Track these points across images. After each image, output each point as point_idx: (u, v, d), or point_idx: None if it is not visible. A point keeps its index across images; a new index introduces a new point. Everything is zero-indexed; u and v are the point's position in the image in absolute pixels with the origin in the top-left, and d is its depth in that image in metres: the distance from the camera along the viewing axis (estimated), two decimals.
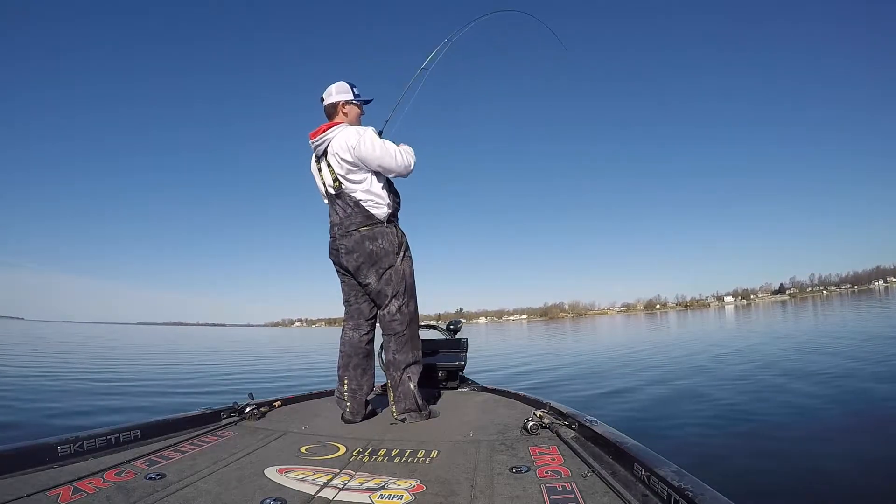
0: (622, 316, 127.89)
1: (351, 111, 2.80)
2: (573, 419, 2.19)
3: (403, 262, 2.70)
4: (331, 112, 2.81)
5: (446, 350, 3.86)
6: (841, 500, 2.91)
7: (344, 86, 2.80)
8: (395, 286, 2.66)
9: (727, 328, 23.34)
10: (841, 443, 3.93)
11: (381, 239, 2.63)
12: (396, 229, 2.72)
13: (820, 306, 41.78)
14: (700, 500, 1.19)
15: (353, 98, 2.80)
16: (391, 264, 2.65)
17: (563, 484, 1.56)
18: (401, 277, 2.67)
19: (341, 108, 2.78)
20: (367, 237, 2.62)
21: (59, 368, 11.03)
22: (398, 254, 2.68)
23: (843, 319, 20.20)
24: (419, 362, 2.74)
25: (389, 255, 2.65)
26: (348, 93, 2.79)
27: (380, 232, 2.64)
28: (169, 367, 13.17)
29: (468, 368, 3.89)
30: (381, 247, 2.63)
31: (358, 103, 2.84)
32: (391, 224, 2.70)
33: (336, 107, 2.78)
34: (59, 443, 1.78)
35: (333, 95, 2.78)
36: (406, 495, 1.53)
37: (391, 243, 2.65)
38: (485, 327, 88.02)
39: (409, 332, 2.70)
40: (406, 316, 2.69)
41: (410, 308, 2.72)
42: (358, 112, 2.85)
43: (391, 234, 2.66)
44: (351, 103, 2.80)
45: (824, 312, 28.57)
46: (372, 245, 2.62)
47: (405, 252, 2.72)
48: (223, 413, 2.57)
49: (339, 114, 2.78)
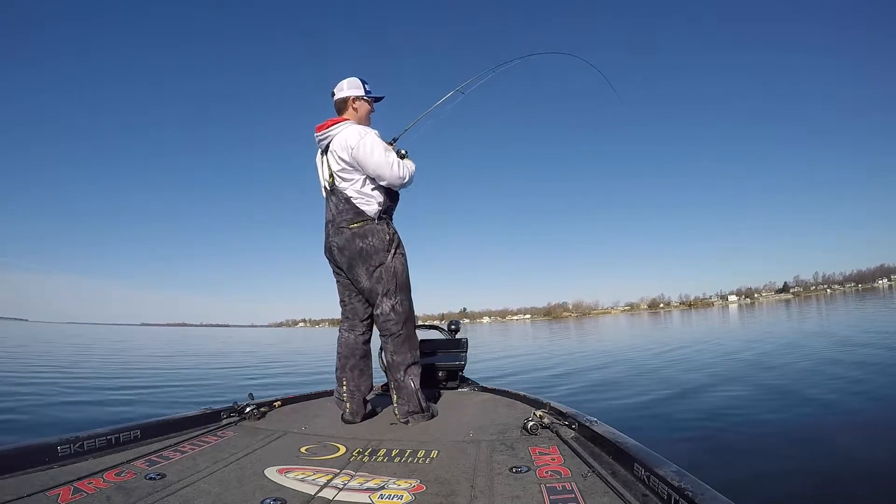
0: (626, 315, 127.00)
1: (361, 107, 2.78)
2: (573, 419, 2.18)
3: (395, 259, 2.66)
4: (341, 107, 2.78)
5: (446, 350, 3.85)
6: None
7: (356, 81, 2.78)
8: (386, 284, 2.63)
9: (752, 326, 22.41)
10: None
11: (371, 236, 2.61)
12: (388, 227, 2.68)
13: (828, 304, 41.30)
14: (700, 500, 1.19)
15: (365, 94, 2.78)
16: (381, 262, 2.62)
17: (563, 484, 1.56)
18: (392, 275, 2.63)
19: (351, 104, 2.76)
20: (358, 234, 2.61)
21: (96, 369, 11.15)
22: (388, 251, 2.64)
23: (866, 315, 19.83)
24: (418, 362, 2.70)
25: (380, 253, 2.62)
26: (359, 88, 2.77)
27: (370, 229, 2.62)
28: (202, 367, 13.26)
29: (468, 368, 3.88)
30: (371, 244, 2.60)
31: (369, 100, 2.81)
32: (382, 221, 2.66)
33: (346, 102, 2.76)
34: (59, 443, 1.78)
35: (345, 90, 2.76)
36: (406, 495, 1.53)
37: (381, 241, 2.62)
38: (489, 327, 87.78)
39: (406, 331, 2.66)
40: (401, 315, 2.65)
41: (405, 306, 2.68)
42: (368, 109, 2.82)
43: (381, 232, 2.63)
44: (362, 99, 2.78)
45: (846, 308, 28.01)
46: (362, 242, 2.60)
47: (396, 249, 2.68)
48: (223, 413, 2.56)
49: (349, 109, 2.76)
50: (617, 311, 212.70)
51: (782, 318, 25.77)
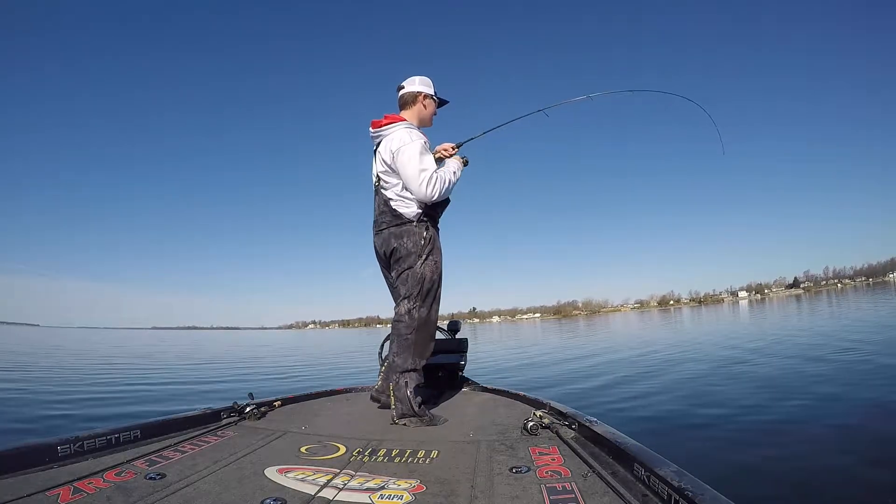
0: (636, 313, 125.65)
1: (429, 105, 2.80)
2: (573, 419, 2.17)
3: (425, 265, 2.60)
4: (408, 100, 2.76)
5: (446, 350, 3.86)
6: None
7: (427, 80, 2.80)
8: (409, 288, 2.60)
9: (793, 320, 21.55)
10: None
11: (406, 238, 2.60)
12: (426, 230, 2.62)
13: (837, 298, 40.59)
14: (700, 500, 1.18)
15: (434, 94, 2.79)
16: (410, 265, 2.60)
17: (563, 484, 1.55)
18: (417, 280, 2.58)
19: (422, 100, 2.77)
20: (394, 235, 2.62)
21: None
22: (420, 255, 2.59)
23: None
24: (418, 370, 2.61)
25: (411, 256, 2.60)
26: (430, 87, 2.78)
27: (406, 231, 2.60)
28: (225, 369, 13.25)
29: (468, 369, 3.88)
30: (405, 246, 2.60)
31: (437, 100, 2.82)
32: (421, 224, 2.62)
33: (417, 97, 2.76)
34: (59, 443, 1.78)
35: (417, 85, 2.77)
36: (406, 495, 1.52)
37: (416, 244, 2.59)
38: (498, 326, 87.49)
39: (415, 337, 2.59)
40: (415, 321, 2.58)
41: (422, 314, 2.60)
42: (434, 109, 2.83)
43: (417, 235, 2.60)
44: (431, 98, 2.78)
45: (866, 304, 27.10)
46: (397, 243, 2.61)
47: (429, 255, 2.61)
48: (223, 413, 2.55)
49: (417, 104, 2.76)
50: (627, 308, 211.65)
51: (823, 314, 23.66)
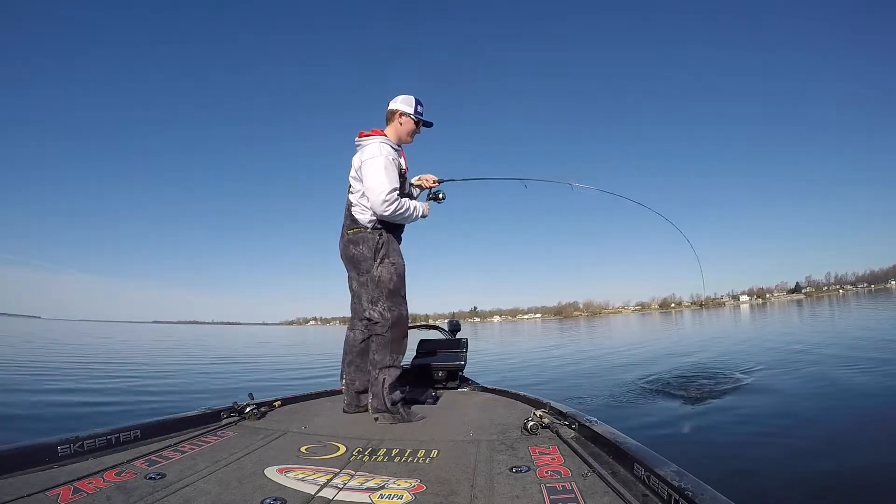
0: (637, 315, 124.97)
1: (405, 123, 2.86)
2: (573, 419, 2.18)
3: (381, 268, 2.71)
4: (388, 117, 2.88)
5: (446, 350, 3.88)
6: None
7: (410, 99, 2.87)
8: (370, 292, 2.73)
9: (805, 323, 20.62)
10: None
11: (361, 244, 2.72)
12: (380, 235, 2.73)
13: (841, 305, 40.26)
14: (700, 500, 1.18)
15: (413, 113, 2.85)
16: (368, 270, 2.73)
17: (563, 484, 1.55)
18: (376, 284, 2.71)
19: (398, 118, 2.85)
20: (351, 241, 2.76)
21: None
22: (375, 260, 2.71)
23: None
24: (397, 366, 2.74)
25: (367, 261, 2.72)
26: (410, 106, 2.86)
27: (361, 237, 2.73)
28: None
29: (468, 369, 3.88)
30: (361, 252, 2.72)
31: (415, 120, 2.87)
32: (376, 230, 2.73)
33: (394, 114, 2.86)
34: (59, 443, 1.79)
35: (397, 103, 2.87)
36: (406, 495, 1.53)
37: (370, 249, 2.71)
38: (499, 326, 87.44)
39: (391, 335, 2.71)
40: (388, 320, 2.70)
41: (393, 313, 2.72)
42: (412, 128, 2.89)
43: (371, 241, 2.71)
44: (408, 116, 2.85)
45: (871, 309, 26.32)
46: (354, 249, 2.75)
47: (384, 259, 2.73)
48: (223, 413, 2.57)
49: (394, 122, 2.86)
50: (628, 310, 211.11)
51: (841, 319, 21.56)
